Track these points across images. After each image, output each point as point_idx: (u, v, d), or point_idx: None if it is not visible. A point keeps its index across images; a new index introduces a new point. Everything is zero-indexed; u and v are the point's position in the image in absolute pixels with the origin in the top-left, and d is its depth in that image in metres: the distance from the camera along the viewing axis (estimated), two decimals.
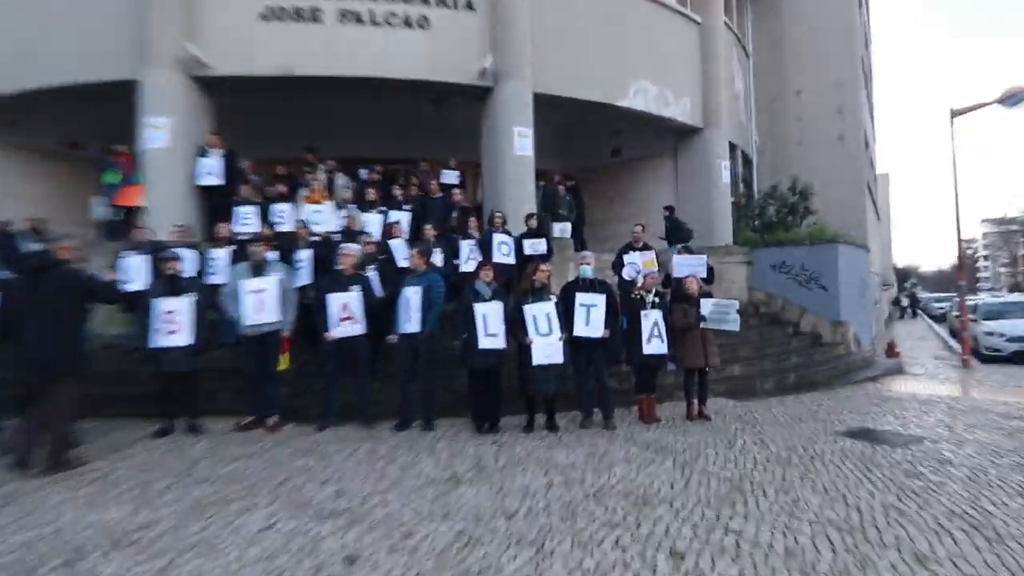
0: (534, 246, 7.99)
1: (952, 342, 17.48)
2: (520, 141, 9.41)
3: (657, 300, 6.35)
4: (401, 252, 7.29)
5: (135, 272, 6.87)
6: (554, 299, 5.82)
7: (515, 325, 5.69)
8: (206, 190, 8.82)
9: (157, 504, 3.86)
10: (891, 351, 12.76)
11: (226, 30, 8.69)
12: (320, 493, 4.06)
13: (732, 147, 13.42)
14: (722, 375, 8.16)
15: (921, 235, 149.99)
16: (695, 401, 6.49)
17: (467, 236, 7.97)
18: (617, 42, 10.56)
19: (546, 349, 5.61)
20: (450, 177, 10.33)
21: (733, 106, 13.80)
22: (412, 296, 5.83)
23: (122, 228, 8.36)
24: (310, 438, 5.55)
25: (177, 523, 3.53)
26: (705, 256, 8.09)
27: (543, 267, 5.96)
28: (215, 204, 8.75)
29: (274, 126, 11.28)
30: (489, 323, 5.60)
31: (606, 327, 5.92)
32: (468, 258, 7.64)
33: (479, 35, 9.32)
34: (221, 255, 7.32)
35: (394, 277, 6.48)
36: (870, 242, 16.09)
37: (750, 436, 5.68)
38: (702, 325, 6.37)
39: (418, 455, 4.98)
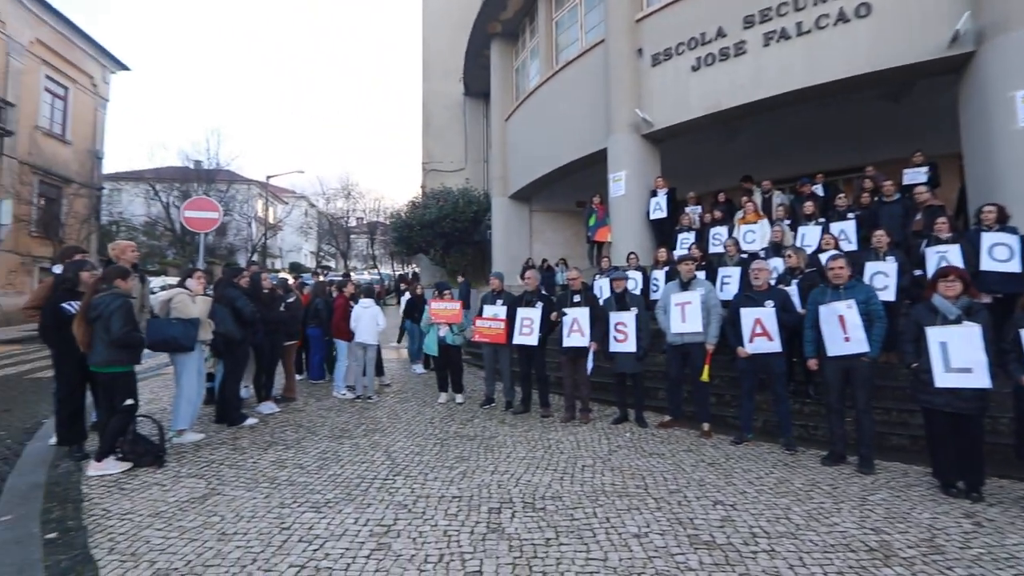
0: None
1: None
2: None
3: None
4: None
5: (601, 290, 7.61)
6: None
7: (1004, 356, 3.36)
8: (655, 222, 9.02)
9: (574, 479, 3.87)
10: None
11: (664, 90, 8.69)
12: (706, 514, 3.26)
13: None
14: None
15: None
16: None
17: (934, 241, 5.41)
18: None
19: None
20: (915, 175, 7.37)
21: None
22: (846, 312, 4.20)
23: (596, 258, 9.41)
24: (721, 450, 4.68)
25: (574, 504, 3.42)
26: None
27: None
28: (663, 233, 8.87)
29: (716, 162, 10.69)
30: (953, 353, 3.49)
31: None
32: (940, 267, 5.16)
33: None
34: (660, 275, 7.31)
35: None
36: None
37: None
38: None
39: (839, 504, 3.47)
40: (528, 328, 5.90)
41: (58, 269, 4.76)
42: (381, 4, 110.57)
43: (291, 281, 8.28)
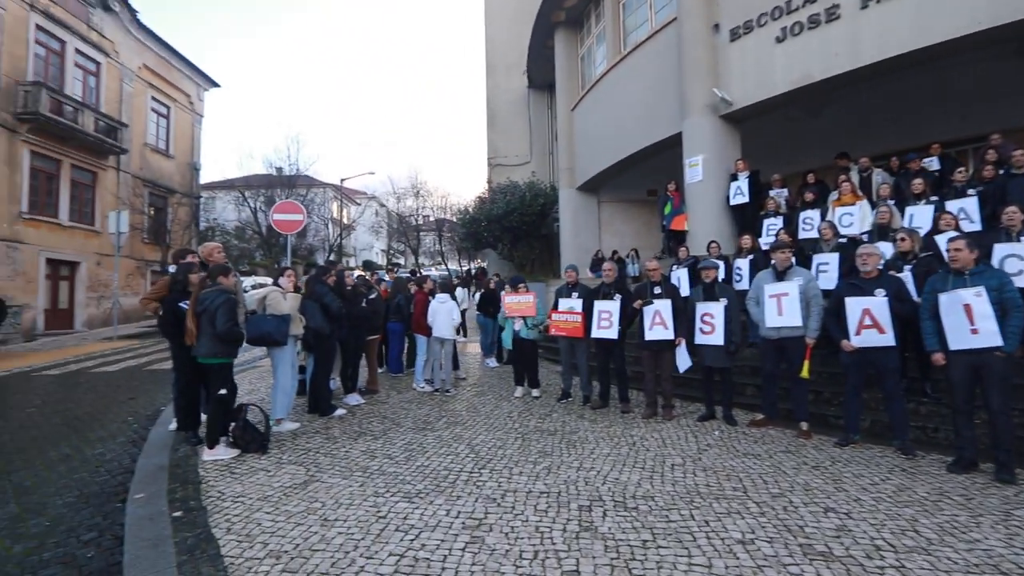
0: None
1: None
2: None
3: None
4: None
5: (679, 281, 7.30)
6: None
7: None
8: (735, 208, 8.50)
9: (665, 479, 3.70)
10: None
11: (744, 66, 8.12)
12: (817, 522, 2.99)
13: None
14: None
15: None
16: None
17: None
18: None
19: None
20: None
21: None
22: (974, 300, 3.71)
23: (672, 248, 9.01)
24: (825, 452, 4.31)
25: (668, 505, 3.26)
26: None
27: None
28: (745, 219, 8.34)
29: (803, 141, 9.89)
30: None
31: None
32: None
33: None
34: (743, 264, 6.88)
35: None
36: None
37: None
38: None
39: (976, 517, 3.06)
40: (607, 321, 5.75)
41: (173, 268, 5.26)
42: (439, 9, 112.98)
43: (369, 278, 8.61)
